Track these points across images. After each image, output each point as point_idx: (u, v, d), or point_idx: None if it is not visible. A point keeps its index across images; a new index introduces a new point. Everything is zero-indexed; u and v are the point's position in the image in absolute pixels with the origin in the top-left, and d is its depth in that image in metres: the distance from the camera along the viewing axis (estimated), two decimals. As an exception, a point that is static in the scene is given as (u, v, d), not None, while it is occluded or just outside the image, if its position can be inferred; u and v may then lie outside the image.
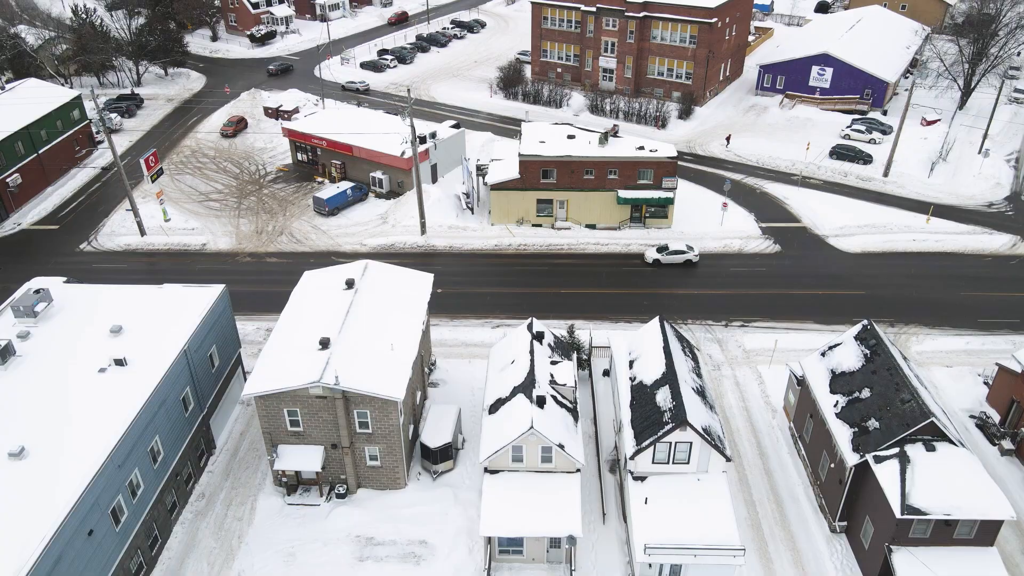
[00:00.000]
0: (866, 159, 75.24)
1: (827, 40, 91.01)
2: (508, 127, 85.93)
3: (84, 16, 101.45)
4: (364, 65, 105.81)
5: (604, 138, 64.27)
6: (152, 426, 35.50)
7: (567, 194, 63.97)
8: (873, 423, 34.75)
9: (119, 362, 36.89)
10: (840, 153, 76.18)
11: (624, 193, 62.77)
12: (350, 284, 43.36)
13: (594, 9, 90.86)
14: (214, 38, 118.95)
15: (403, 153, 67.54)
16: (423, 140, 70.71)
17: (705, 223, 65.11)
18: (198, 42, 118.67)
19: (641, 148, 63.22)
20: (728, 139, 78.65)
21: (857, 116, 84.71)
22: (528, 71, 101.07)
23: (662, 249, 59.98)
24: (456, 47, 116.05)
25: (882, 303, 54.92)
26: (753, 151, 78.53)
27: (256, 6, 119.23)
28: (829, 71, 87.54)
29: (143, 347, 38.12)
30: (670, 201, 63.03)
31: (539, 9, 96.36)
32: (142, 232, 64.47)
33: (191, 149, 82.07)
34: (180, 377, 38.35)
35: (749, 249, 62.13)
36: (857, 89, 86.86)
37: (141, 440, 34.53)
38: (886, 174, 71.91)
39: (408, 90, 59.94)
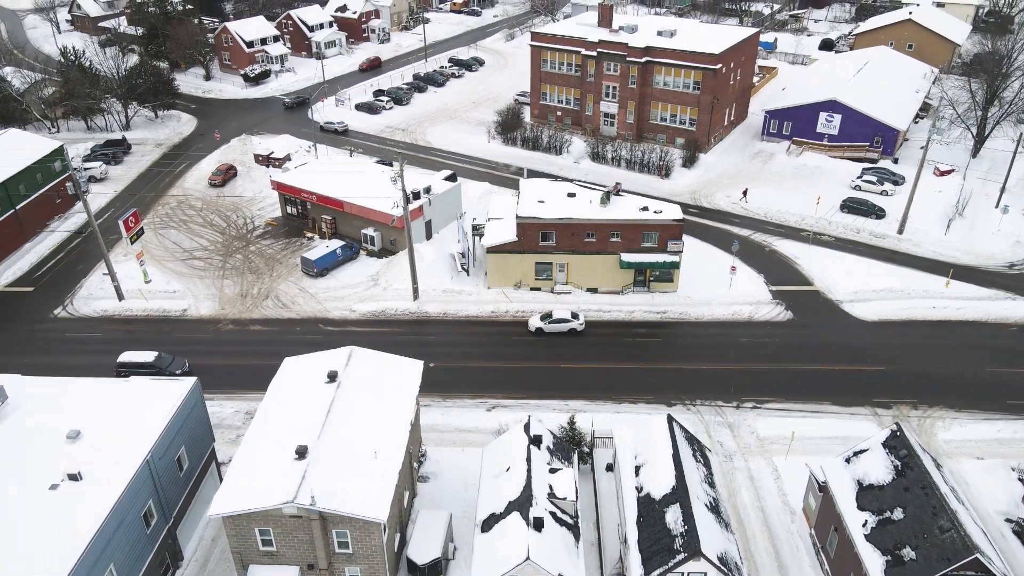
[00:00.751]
0: (879, 213, 72.16)
1: (834, 85, 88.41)
2: (505, 175, 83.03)
3: (73, 58, 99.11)
4: (359, 107, 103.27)
5: (606, 197, 61.23)
6: (107, 553, 31.99)
7: (567, 257, 60.81)
8: (909, 553, 31.23)
9: (73, 477, 33.47)
10: (851, 207, 73.14)
11: (627, 257, 59.61)
12: (332, 377, 40.02)
13: (595, 53, 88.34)
14: (207, 77, 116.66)
15: (393, 221, 64.53)
16: (416, 196, 67.71)
17: (713, 286, 61.87)
18: (191, 81, 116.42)
19: (645, 209, 60.15)
20: (745, 193, 75.39)
21: (867, 165, 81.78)
22: (527, 114, 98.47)
23: (546, 317, 56.98)
24: (454, 86, 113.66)
25: (903, 381, 51.49)
26: (761, 203, 75.48)
27: (251, 45, 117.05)
28: (837, 118, 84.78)
29: (102, 457, 34.70)
30: (676, 266, 59.84)
31: (538, 52, 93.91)
32: (120, 297, 61.24)
33: (177, 200, 79.13)
34: (142, 491, 34.89)
35: (759, 316, 58.81)
36: (867, 136, 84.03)
37: (93, 573, 30.99)
38: (901, 231, 68.78)
39: (400, 155, 56.70)
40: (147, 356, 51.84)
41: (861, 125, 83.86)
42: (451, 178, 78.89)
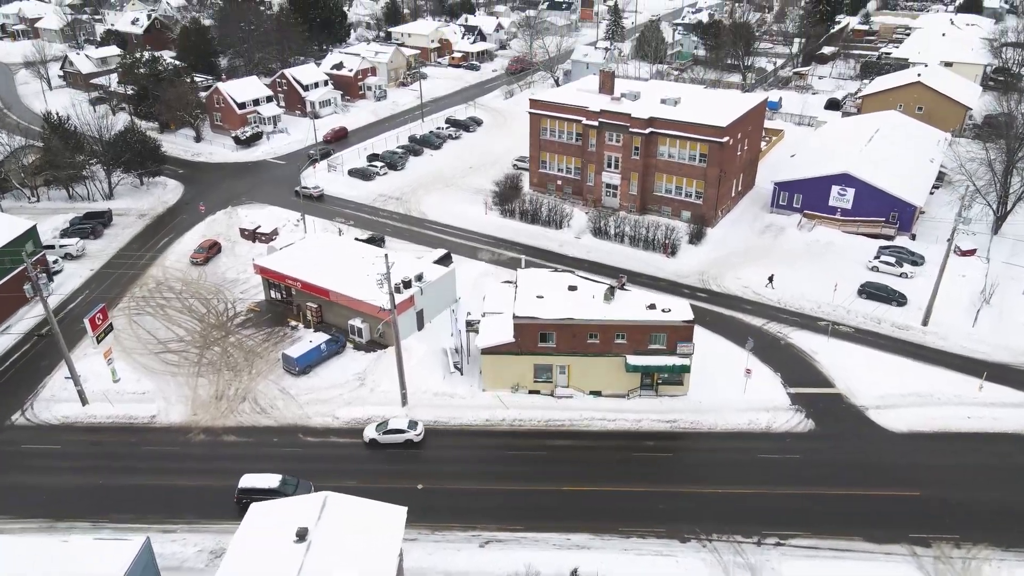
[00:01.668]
0: (899, 300, 67.79)
1: (846, 155, 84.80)
2: (504, 252, 78.93)
3: (57, 122, 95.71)
4: (352, 172, 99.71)
5: (610, 293, 56.91)
6: None
7: (569, 359, 56.26)
8: None
9: None
10: (870, 293, 68.81)
11: (633, 360, 55.05)
12: (302, 536, 35.15)
13: (596, 123, 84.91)
14: (197, 138, 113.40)
15: (380, 333, 60.40)
16: (407, 285, 63.48)
17: (726, 388, 57.19)
18: (180, 142, 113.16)
19: (652, 307, 55.74)
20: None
21: (884, 243, 77.69)
22: (526, 181, 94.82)
23: (381, 426, 52.87)
24: (451, 149, 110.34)
25: (942, 509, 46.54)
26: (773, 287, 71.10)
27: (242, 106, 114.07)
28: (851, 191, 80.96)
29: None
30: (686, 369, 55.26)
31: (537, 119, 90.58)
32: (83, 401, 56.54)
33: (156, 280, 74.90)
34: None
35: (778, 426, 54.01)
36: (882, 212, 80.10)
37: None
38: (925, 323, 64.31)
39: (386, 256, 52.54)
40: (271, 480, 47.12)
41: (876, 200, 79.98)
42: (446, 258, 75.00)
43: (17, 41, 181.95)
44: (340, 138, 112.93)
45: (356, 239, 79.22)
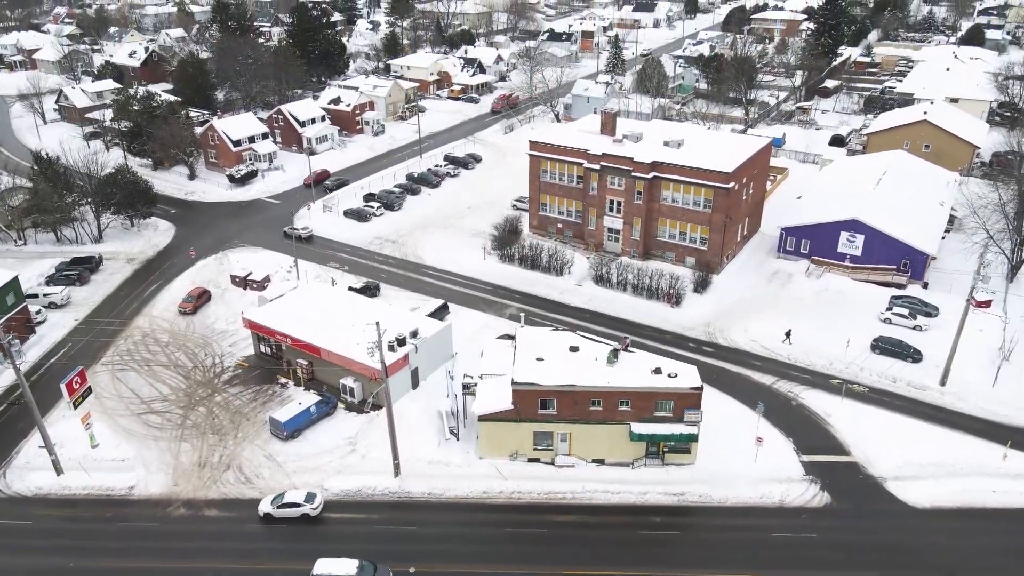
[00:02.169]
0: (915, 357, 65.08)
1: (854, 199, 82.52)
2: (502, 300, 76.38)
3: (47, 162, 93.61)
4: (348, 213, 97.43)
5: (613, 355, 54.23)
6: None
7: (570, 426, 53.43)
8: None
9: None
10: (884, 348, 66.13)
11: (638, 428, 52.22)
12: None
13: (597, 167, 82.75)
14: (191, 176, 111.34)
15: (373, 402, 57.83)
16: (401, 343, 60.83)
17: (735, 456, 54.25)
18: (174, 180, 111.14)
19: (658, 371, 53.02)
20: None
21: (896, 293, 75.11)
22: (526, 222, 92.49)
23: (276, 499, 50.22)
24: (449, 187, 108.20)
25: (970, 599, 43.52)
26: (781, 340, 68.42)
27: (237, 143, 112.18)
28: (860, 238, 78.55)
29: None
30: (694, 438, 52.40)
31: (537, 161, 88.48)
32: (58, 471, 53.63)
33: (143, 332, 72.26)
34: None
35: (791, 500, 51.04)
36: (893, 260, 77.63)
37: None
38: (943, 382, 61.52)
39: (377, 324, 49.84)
40: (349, 567, 44.52)
41: (887, 247, 77.53)
42: (443, 308, 72.62)
43: (14, 72, 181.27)
44: (320, 181, 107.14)
45: (350, 288, 76.76)
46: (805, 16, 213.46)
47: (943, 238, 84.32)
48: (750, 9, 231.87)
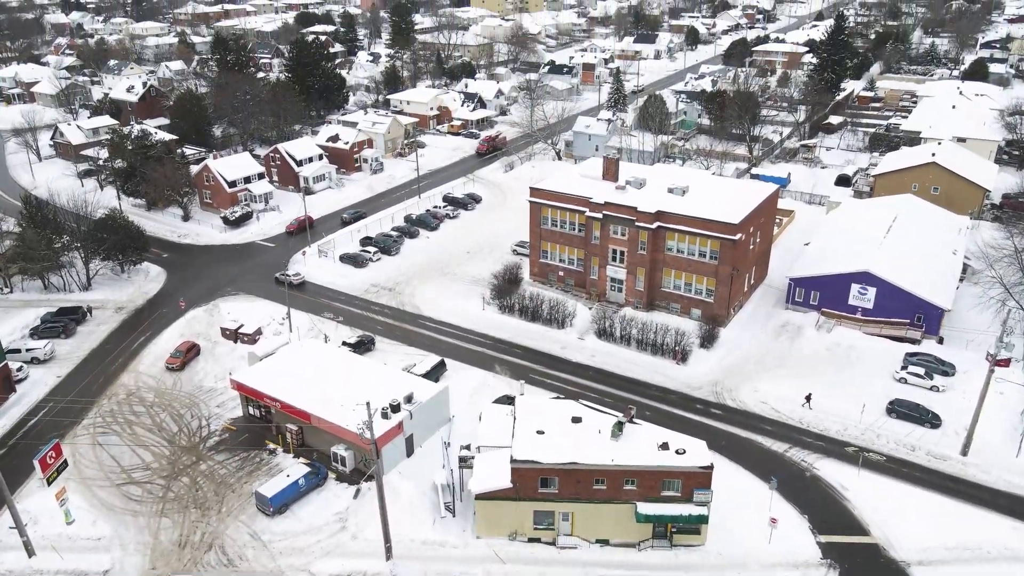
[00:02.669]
0: (933, 422, 62.16)
1: (864, 249, 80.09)
2: (501, 356, 73.66)
3: (35, 207, 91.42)
4: (344, 258, 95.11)
5: (618, 428, 51.39)
6: None
7: (572, 505, 50.45)
8: None
9: None
10: (900, 412, 63.22)
11: (644, 508, 49.25)
12: None
13: (599, 216, 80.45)
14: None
15: (365, 472, 54.89)
16: (395, 409, 58.05)
17: (747, 536, 51.18)
18: (168, 221, 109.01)
19: (665, 446, 50.16)
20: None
21: (911, 350, 72.29)
22: (526, 268, 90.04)
23: None
24: (448, 230, 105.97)
25: None
26: (795, 402, 65.56)
27: (232, 184, 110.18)
28: (872, 291, 75.98)
29: None
30: (704, 520, 49.37)
31: (538, 208, 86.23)
32: (29, 553, 50.59)
33: (127, 390, 69.51)
34: None
35: (809, 589, 47.91)
36: (906, 313, 74.98)
37: None
38: (965, 452, 58.52)
39: (368, 404, 47.06)
40: None
41: (899, 300, 74.92)
42: (440, 366, 70.12)
43: (12, 105, 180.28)
44: (303, 229, 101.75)
45: (344, 343, 74.18)
46: (807, 49, 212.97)
47: (956, 287, 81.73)
48: (751, 41, 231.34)
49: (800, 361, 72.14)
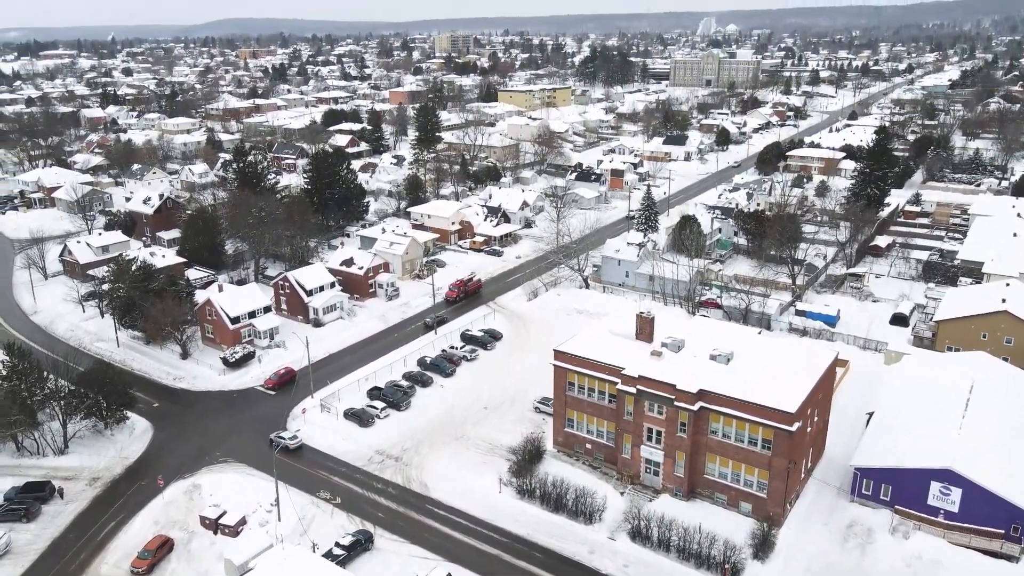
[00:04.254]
0: None
1: (941, 431, 68.97)
2: (518, 562, 62.83)
3: (17, 359, 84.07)
4: (348, 414, 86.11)
5: None
6: None
7: None
8: None
9: None
10: (1012, 677, 50.95)
11: None
12: None
13: (633, 390, 70.74)
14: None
15: None
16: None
17: None
18: (165, 359, 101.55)
19: None
20: None
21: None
22: (549, 436, 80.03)
23: None
24: (465, 375, 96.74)
25: None
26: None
27: (236, 320, 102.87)
28: (956, 492, 64.49)
29: None
30: None
31: (563, 373, 76.87)
32: None
33: (83, 603, 59.81)
34: None
35: None
36: (1000, 522, 63.19)
37: None
38: None
39: None
40: None
41: (991, 506, 63.28)
42: (445, 585, 59.34)
43: (32, 209, 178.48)
44: (285, 382, 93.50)
45: (337, 544, 64.16)
46: (844, 154, 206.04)
47: (1053, 481, 69.75)
48: (785, 144, 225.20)
49: (875, 582, 60.40)
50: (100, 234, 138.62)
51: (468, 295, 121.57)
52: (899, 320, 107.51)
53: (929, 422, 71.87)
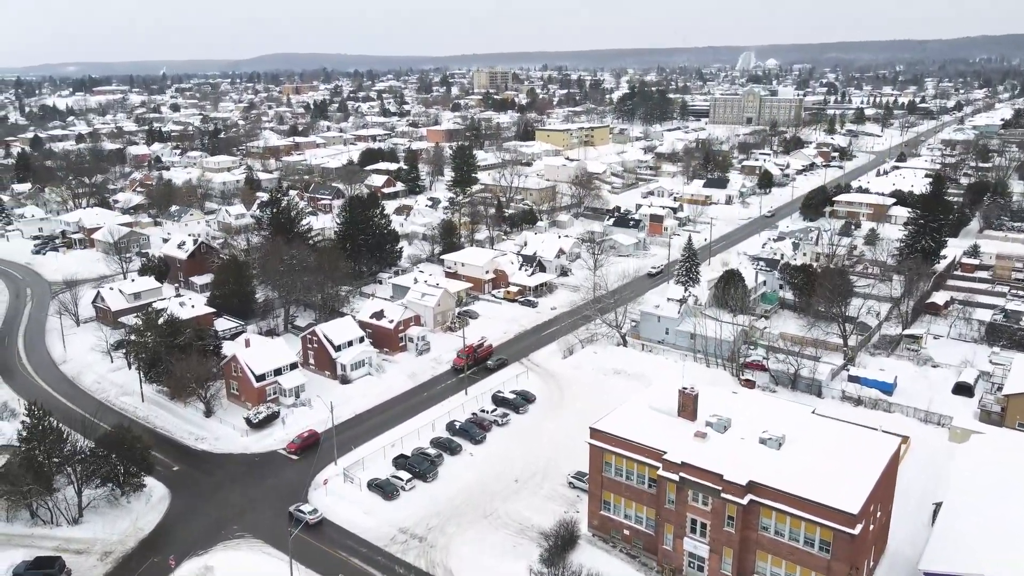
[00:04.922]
0: None
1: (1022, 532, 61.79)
2: None
3: (38, 418, 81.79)
4: (372, 485, 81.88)
5: None
6: None
7: None
8: None
9: None
10: None
11: None
12: None
13: (675, 477, 65.15)
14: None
15: None
16: None
17: None
18: (188, 416, 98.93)
19: None
20: None
21: None
22: (584, 518, 74.64)
23: None
24: (495, 442, 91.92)
25: None
26: None
27: (261, 378, 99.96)
28: (1044, 608, 57.20)
29: None
30: None
31: (599, 452, 71.66)
32: None
33: None
34: None
35: None
36: (1097, 647, 55.71)
37: None
38: None
39: None
40: None
41: (1085, 628, 55.90)
42: None
43: (72, 250, 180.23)
44: (309, 446, 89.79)
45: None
46: (894, 200, 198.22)
47: None
48: (831, 188, 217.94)
49: None
50: (133, 280, 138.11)
51: (478, 363, 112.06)
52: (963, 390, 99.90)
53: (1003, 520, 64.67)
